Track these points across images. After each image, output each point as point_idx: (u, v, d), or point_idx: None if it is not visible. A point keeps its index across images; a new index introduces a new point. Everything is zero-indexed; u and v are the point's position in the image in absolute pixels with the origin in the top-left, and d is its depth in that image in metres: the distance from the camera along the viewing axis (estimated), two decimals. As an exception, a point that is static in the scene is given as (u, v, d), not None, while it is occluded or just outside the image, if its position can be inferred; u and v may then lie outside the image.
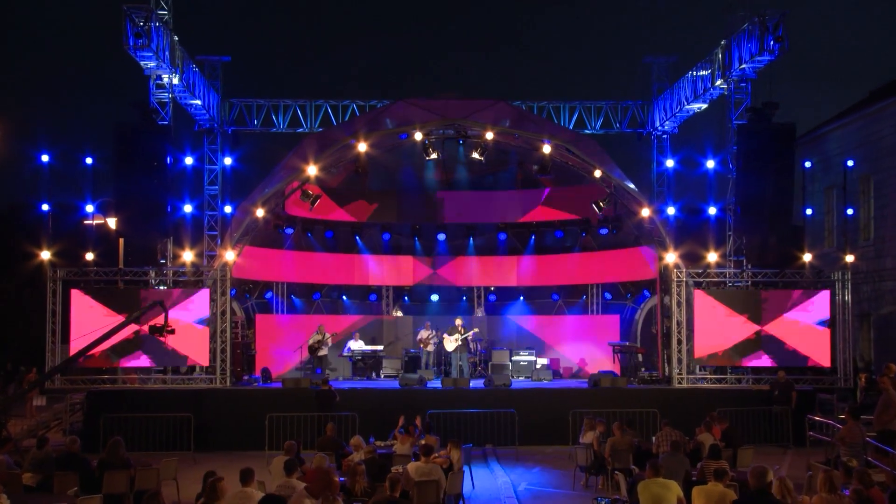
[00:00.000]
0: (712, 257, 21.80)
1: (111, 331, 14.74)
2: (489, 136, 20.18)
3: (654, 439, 14.26)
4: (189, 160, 24.20)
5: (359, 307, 26.14)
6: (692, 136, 26.21)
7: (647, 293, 24.44)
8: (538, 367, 22.58)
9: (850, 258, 25.00)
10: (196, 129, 24.88)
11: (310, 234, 24.53)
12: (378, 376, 22.77)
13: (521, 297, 26.22)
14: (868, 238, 27.52)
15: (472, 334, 22.61)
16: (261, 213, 20.59)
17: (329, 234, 24.96)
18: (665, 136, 25.88)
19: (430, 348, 22.91)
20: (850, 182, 26.84)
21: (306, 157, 20.30)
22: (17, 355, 29.17)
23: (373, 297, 26.17)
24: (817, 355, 20.38)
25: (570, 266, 25.52)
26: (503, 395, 19.69)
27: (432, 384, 20.72)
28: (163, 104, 21.54)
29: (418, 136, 20.29)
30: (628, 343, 23.37)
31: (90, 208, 25.36)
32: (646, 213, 20.64)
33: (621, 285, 25.48)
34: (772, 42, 19.52)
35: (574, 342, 24.73)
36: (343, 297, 26.11)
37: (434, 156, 21.07)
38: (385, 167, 24.16)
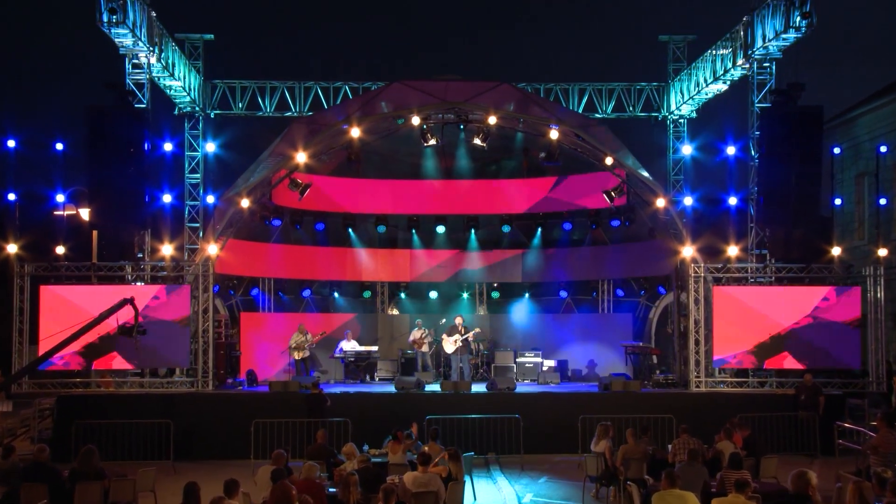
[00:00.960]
0: (733, 251, 21.80)
1: (79, 331, 14.71)
2: (492, 120, 20.18)
3: (669, 447, 14.30)
4: (168, 146, 24.14)
5: (352, 305, 26.16)
6: (711, 120, 26.17)
7: (662, 290, 24.47)
8: (545, 369, 22.64)
9: (882, 252, 24.90)
10: (176, 112, 24.84)
11: (299, 226, 24.48)
12: (372, 379, 22.82)
13: (527, 294, 26.23)
14: (902, 230, 27.52)
15: (473, 334, 22.60)
16: (246, 203, 20.59)
17: (319, 226, 24.86)
18: (682, 121, 25.87)
19: (426, 349, 22.96)
20: (883, 169, 26.83)
21: (295, 143, 20.30)
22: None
23: (367, 294, 26.18)
24: (847, 357, 20.41)
25: (580, 260, 25.50)
26: (507, 400, 19.72)
27: (431, 388, 20.74)
28: (140, 85, 21.48)
29: (416, 120, 20.27)
30: (642, 343, 23.44)
31: (61, 198, 25.27)
32: (661, 203, 20.65)
33: (634, 281, 25.52)
34: (798, 18, 19.43)
35: (583, 342, 24.72)
36: (335, 294, 26.15)
37: (433, 142, 21.06)
38: (380, 154, 24.13)
